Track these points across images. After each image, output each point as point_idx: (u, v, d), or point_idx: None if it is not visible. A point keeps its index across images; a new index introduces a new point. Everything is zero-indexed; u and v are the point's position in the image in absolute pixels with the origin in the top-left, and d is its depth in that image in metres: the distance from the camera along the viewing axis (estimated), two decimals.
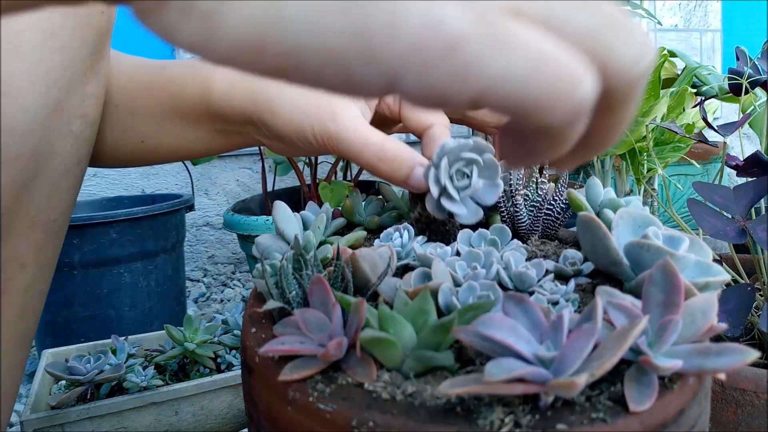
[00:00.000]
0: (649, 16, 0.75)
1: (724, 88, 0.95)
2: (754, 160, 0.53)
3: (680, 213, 1.22)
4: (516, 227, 0.44)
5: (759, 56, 0.65)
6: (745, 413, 0.47)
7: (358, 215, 0.49)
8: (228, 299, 1.41)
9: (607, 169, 1.06)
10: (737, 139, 1.91)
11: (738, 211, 0.53)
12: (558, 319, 0.21)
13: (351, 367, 0.25)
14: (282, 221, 0.43)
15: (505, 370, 0.18)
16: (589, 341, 0.19)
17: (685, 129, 0.89)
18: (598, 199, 0.43)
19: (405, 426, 0.20)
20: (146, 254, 1.05)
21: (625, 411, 0.21)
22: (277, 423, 0.26)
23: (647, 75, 0.18)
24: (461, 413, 0.21)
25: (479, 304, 0.26)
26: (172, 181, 1.54)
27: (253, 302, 0.35)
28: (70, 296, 1.00)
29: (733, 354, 0.22)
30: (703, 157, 1.22)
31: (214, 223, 1.61)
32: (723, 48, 2.09)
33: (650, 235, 0.31)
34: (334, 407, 0.23)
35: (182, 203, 1.13)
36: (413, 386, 0.23)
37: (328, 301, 0.28)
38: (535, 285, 0.34)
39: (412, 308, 0.27)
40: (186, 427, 0.74)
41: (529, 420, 0.19)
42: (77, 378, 0.72)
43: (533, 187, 0.46)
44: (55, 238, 0.44)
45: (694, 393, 0.24)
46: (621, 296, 0.27)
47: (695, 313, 0.24)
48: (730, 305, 0.52)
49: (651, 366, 0.21)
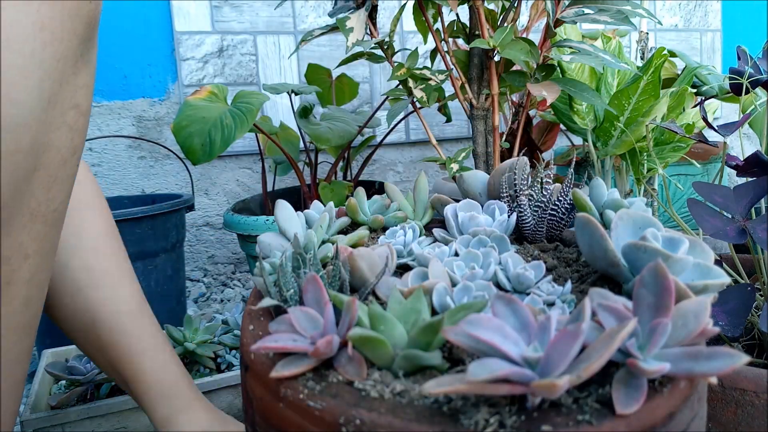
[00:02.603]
0: (649, 16, 0.75)
1: (724, 88, 0.95)
2: (754, 160, 0.53)
3: (680, 213, 1.22)
4: (520, 228, 0.44)
5: (760, 56, 0.65)
6: (745, 413, 0.46)
7: (362, 214, 0.49)
8: (228, 299, 1.42)
9: (607, 169, 1.06)
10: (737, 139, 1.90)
11: (738, 211, 0.53)
12: (546, 320, 0.21)
13: (342, 365, 0.25)
14: (284, 220, 0.43)
15: (488, 370, 0.18)
16: (573, 343, 0.19)
17: (685, 129, 0.89)
18: (601, 200, 0.42)
19: (391, 424, 0.20)
20: (146, 254, 1.05)
21: (612, 413, 0.20)
22: (269, 419, 0.26)
23: None
24: (447, 413, 0.21)
25: (470, 304, 0.26)
26: (172, 181, 1.54)
27: (253, 300, 0.35)
28: None
29: (724, 358, 0.22)
30: (703, 157, 1.22)
31: (214, 223, 1.61)
32: (723, 48, 2.08)
33: (648, 236, 0.31)
34: (323, 405, 0.23)
35: (182, 203, 1.13)
36: (402, 385, 0.23)
37: (322, 299, 0.28)
38: (533, 286, 0.33)
39: (404, 307, 0.27)
40: None
41: (515, 421, 0.19)
42: (77, 378, 0.72)
43: (538, 188, 0.46)
44: (55, 227, 0.45)
45: (685, 396, 0.23)
46: (613, 298, 0.26)
47: (687, 315, 0.24)
48: (730, 305, 0.51)
49: (637, 369, 0.21)
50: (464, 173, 0.50)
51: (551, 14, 0.75)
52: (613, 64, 0.73)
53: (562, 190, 0.43)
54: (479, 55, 0.86)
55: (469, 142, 1.75)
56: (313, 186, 1.21)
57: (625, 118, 0.92)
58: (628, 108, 0.91)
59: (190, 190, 1.53)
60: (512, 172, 0.45)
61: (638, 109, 0.90)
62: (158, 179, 1.54)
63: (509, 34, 0.76)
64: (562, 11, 0.74)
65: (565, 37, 0.88)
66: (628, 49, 1.91)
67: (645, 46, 1.12)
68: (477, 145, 0.88)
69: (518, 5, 0.83)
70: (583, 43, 0.75)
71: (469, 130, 1.71)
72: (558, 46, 0.76)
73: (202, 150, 0.95)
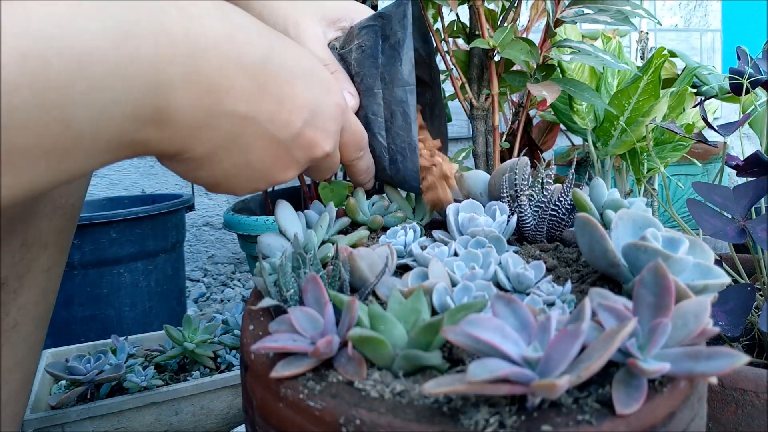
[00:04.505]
0: (649, 16, 0.75)
1: (724, 88, 0.95)
2: (754, 160, 0.53)
3: (680, 213, 1.21)
4: (520, 228, 0.44)
5: (760, 56, 0.65)
6: (745, 413, 0.46)
7: (362, 215, 0.49)
8: (228, 299, 1.42)
9: (608, 169, 1.06)
10: (737, 139, 1.90)
11: (738, 211, 0.53)
12: (546, 320, 0.21)
13: (342, 365, 0.25)
14: (284, 220, 0.43)
15: (488, 371, 0.18)
16: (573, 343, 0.19)
17: (685, 129, 0.89)
18: (601, 200, 0.42)
19: (390, 424, 0.20)
20: (146, 254, 1.05)
21: (612, 413, 0.20)
22: (269, 419, 0.26)
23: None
24: (447, 413, 0.21)
25: (470, 304, 0.26)
26: (172, 181, 1.54)
27: (253, 300, 0.36)
28: (70, 296, 1.00)
29: (724, 358, 0.22)
30: (703, 156, 1.22)
31: (214, 223, 1.61)
32: (723, 48, 2.08)
33: (648, 236, 0.31)
34: (323, 405, 0.23)
35: (182, 203, 1.13)
36: (402, 385, 0.23)
37: (322, 299, 0.28)
38: (533, 286, 0.33)
39: (404, 307, 0.27)
40: (186, 427, 0.74)
41: (515, 421, 0.19)
42: (77, 378, 0.72)
43: (539, 188, 0.46)
44: (72, 221, 0.47)
45: (685, 396, 0.23)
46: (613, 298, 0.26)
47: (687, 315, 0.24)
48: (729, 305, 0.51)
49: (637, 369, 0.21)
50: (465, 173, 0.50)
51: (551, 14, 0.75)
52: (613, 64, 0.73)
53: (563, 190, 0.43)
54: (479, 55, 0.86)
55: (469, 142, 1.75)
56: (313, 186, 1.21)
57: (625, 118, 0.92)
58: (628, 108, 0.91)
59: (190, 190, 1.53)
60: (513, 173, 0.45)
61: (638, 109, 0.90)
62: (158, 179, 1.54)
63: (509, 34, 0.76)
64: (562, 11, 0.74)
65: (565, 37, 0.88)
66: (628, 49, 1.91)
67: (645, 46, 1.12)
68: (477, 145, 0.88)
69: (518, 5, 0.83)
70: (583, 43, 0.75)
71: (469, 130, 1.70)
72: (558, 46, 0.76)
73: None
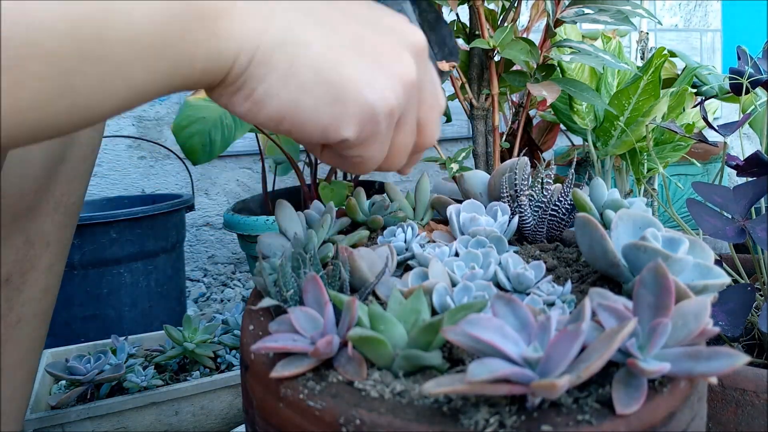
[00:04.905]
0: (649, 16, 0.75)
1: (724, 88, 0.95)
2: (755, 160, 0.53)
3: (680, 213, 1.21)
4: (521, 228, 0.44)
5: (760, 56, 0.65)
6: (745, 413, 0.46)
7: (362, 214, 0.49)
8: (228, 299, 1.42)
9: (607, 169, 1.06)
10: (737, 139, 1.90)
11: (738, 211, 0.53)
12: (546, 320, 0.21)
13: (342, 365, 0.25)
14: (284, 220, 0.43)
15: (487, 370, 0.18)
16: (573, 343, 0.19)
17: (685, 129, 0.89)
18: (601, 200, 0.42)
19: (390, 424, 0.20)
20: (146, 254, 1.05)
21: (612, 413, 0.20)
22: (270, 419, 0.26)
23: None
24: (447, 413, 0.21)
25: (470, 304, 0.26)
26: (172, 181, 1.54)
27: (253, 300, 0.36)
28: (70, 296, 1.00)
29: (724, 358, 0.22)
30: (703, 156, 1.22)
31: (214, 223, 1.61)
32: (723, 48, 2.08)
33: (648, 236, 0.31)
34: (323, 405, 0.23)
35: (182, 203, 1.13)
36: (402, 385, 0.23)
37: (322, 299, 0.28)
38: (533, 286, 0.33)
39: (404, 307, 0.27)
40: (186, 427, 0.74)
41: (515, 421, 0.19)
42: (77, 378, 0.72)
43: (539, 188, 0.46)
44: (73, 219, 0.48)
45: (685, 396, 0.23)
46: (614, 298, 0.26)
47: (687, 315, 0.24)
48: (729, 305, 0.51)
49: (637, 369, 0.21)
50: (465, 173, 0.50)
51: (551, 14, 0.75)
52: (613, 64, 0.73)
53: (563, 190, 0.43)
54: (479, 55, 0.86)
55: (469, 142, 1.75)
56: (313, 186, 1.21)
57: (625, 118, 0.92)
58: (628, 108, 0.91)
59: (190, 190, 1.53)
60: (513, 173, 0.45)
61: (638, 109, 0.90)
62: (158, 179, 1.54)
63: (509, 34, 0.76)
64: (562, 11, 0.74)
65: (565, 37, 0.88)
66: (628, 49, 1.91)
67: (645, 46, 1.12)
68: (477, 145, 0.88)
69: (518, 5, 0.83)
70: (583, 43, 0.75)
71: (469, 130, 1.70)
72: (558, 46, 0.76)
73: (202, 150, 0.95)
